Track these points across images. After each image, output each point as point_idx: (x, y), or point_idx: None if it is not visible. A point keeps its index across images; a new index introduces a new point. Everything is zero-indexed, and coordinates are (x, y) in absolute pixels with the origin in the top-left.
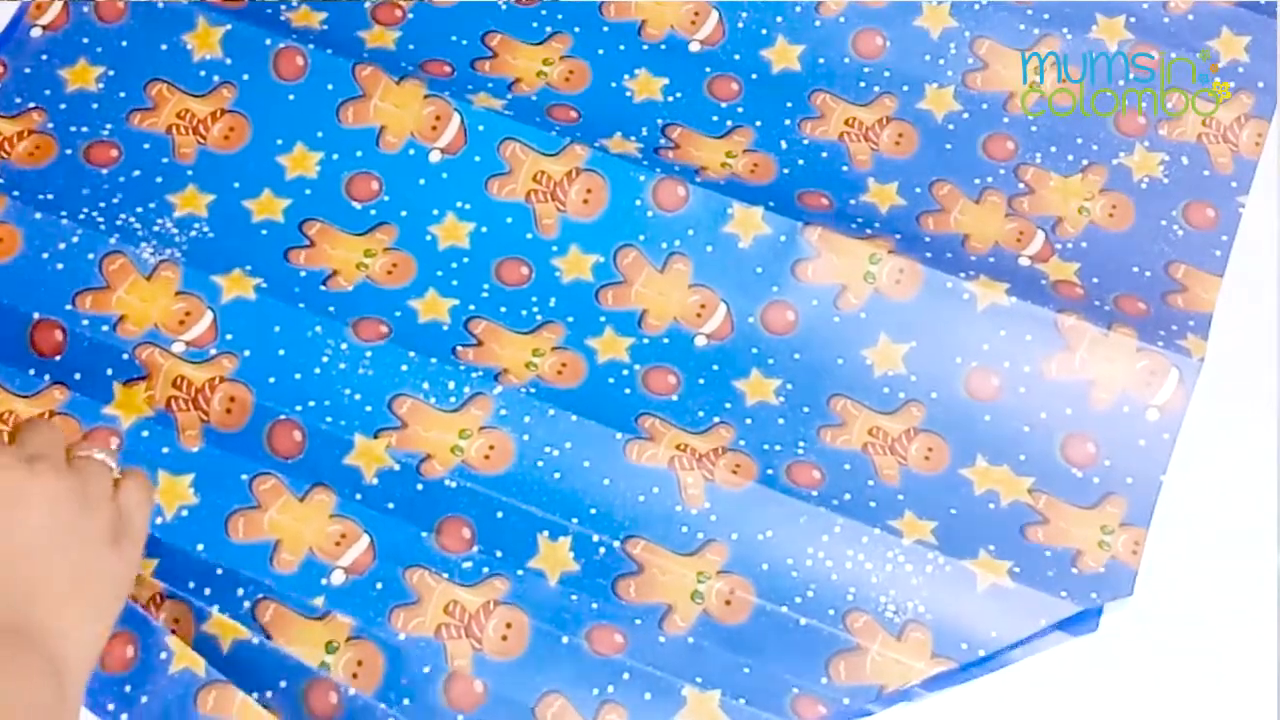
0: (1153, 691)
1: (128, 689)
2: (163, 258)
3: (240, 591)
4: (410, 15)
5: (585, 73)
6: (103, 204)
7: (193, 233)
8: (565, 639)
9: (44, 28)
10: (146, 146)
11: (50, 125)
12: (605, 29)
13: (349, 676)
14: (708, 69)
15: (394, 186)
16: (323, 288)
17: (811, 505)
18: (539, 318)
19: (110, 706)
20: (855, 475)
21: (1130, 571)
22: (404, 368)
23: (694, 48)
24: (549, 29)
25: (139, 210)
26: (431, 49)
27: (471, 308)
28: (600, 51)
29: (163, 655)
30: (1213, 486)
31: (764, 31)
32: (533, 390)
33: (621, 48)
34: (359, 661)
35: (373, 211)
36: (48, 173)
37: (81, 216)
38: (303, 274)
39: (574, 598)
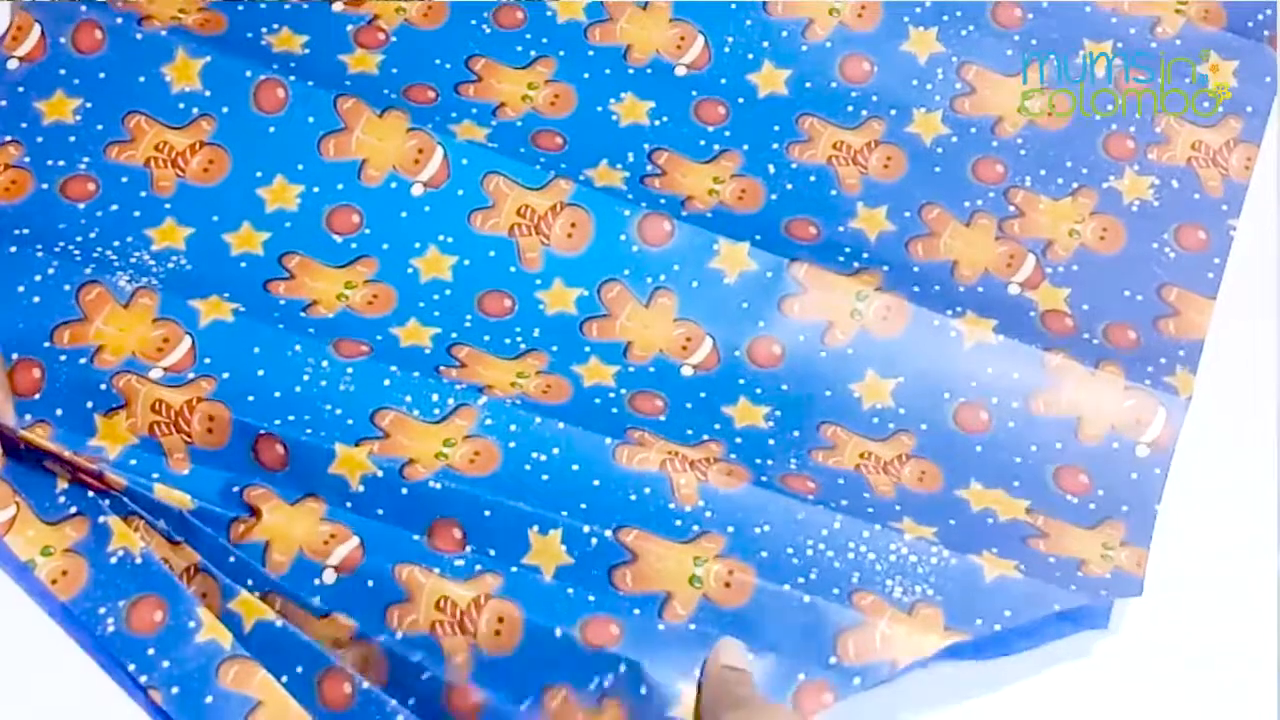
0: (1152, 705)
1: (151, 652)
2: (140, 285)
3: (250, 582)
4: (393, 39)
5: (571, 97)
6: (79, 238)
7: (170, 264)
8: (558, 631)
9: (20, 59)
10: (124, 180)
11: (27, 159)
12: (590, 53)
13: (358, 670)
14: (694, 93)
15: (375, 220)
16: (303, 314)
17: (809, 505)
18: (522, 346)
19: (131, 667)
20: (850, 487)
21: (1137, 578)
22: (386, 382)
23: (680, 72)
24: (533, 53)
25: (115, 244)
26: (414, 73)
27: (454, 335)
28: (585, 75)
29: (191, 624)
30: (1212, 504)
31: (750, 56)
32: (518, 402)
33: (607, 72)
34: (364, 660)
35: (354, 244)
36: (23, 208)
37: (58, 249)
38: (282, 302)
39: (570, 591)
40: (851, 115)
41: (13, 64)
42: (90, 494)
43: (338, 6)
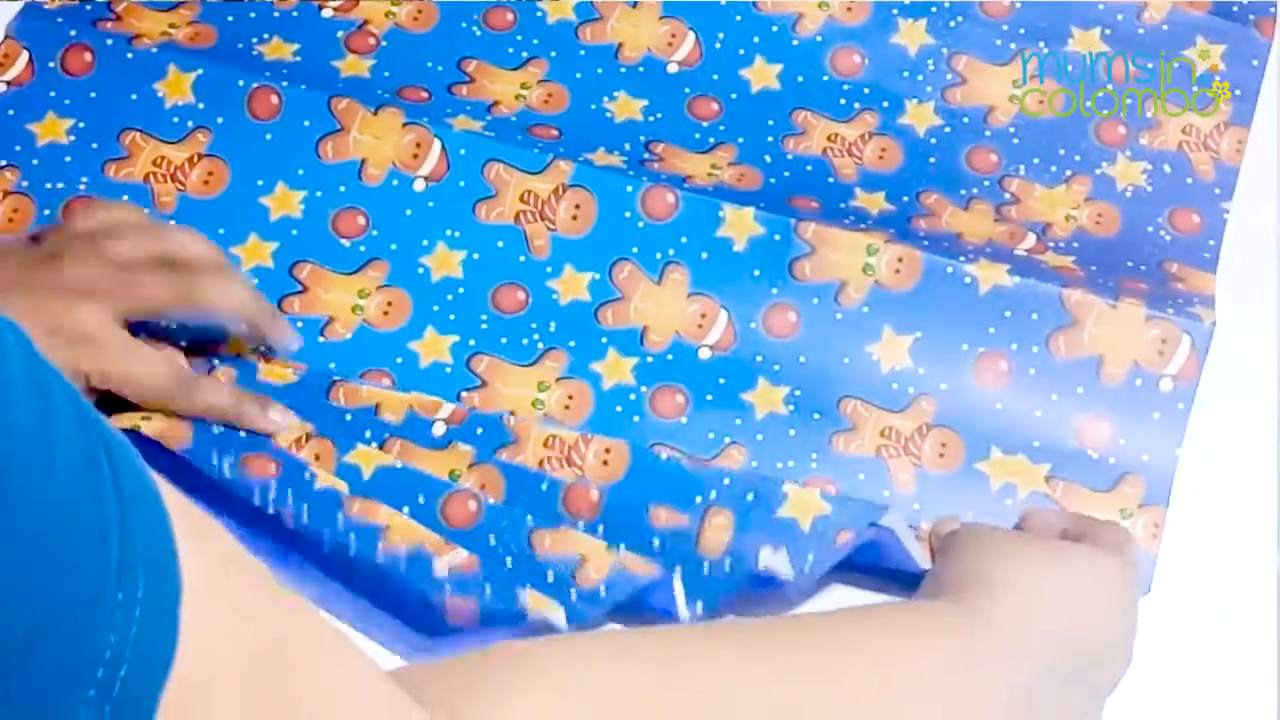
0: (1152, 702)
1: (273, 492)
2: (158, 334)
3: (367, 434)
4: (384, 43)
5: (564, 96)
6: None
7: None
8: (664, 455)
9: (8, 83)
10: (125, 199)
11: (25, 184)
12: (582, 52)
13: (479, 489)
14: (687, 89)
15: (381, 220)
16: (321, 339)
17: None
18: (540, 346)
19: (255, 499)
20: (870, 485)
21: (1149, 561)
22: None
23: (672, 69)
24: (525, 54)
25: None
26: (407, 76)
27: (471, 343)
28: (578, 75)
29: (307, 475)
30: (1211, 499)
31: (741, 51)
32: None
33: (599, 70)
34: (482, 485)
35: (362, 247)
36: None
37: None
38: (299, 324)
39: None
40: (844, 108)
41: (0, 88)
42: None
43: (327, 12)
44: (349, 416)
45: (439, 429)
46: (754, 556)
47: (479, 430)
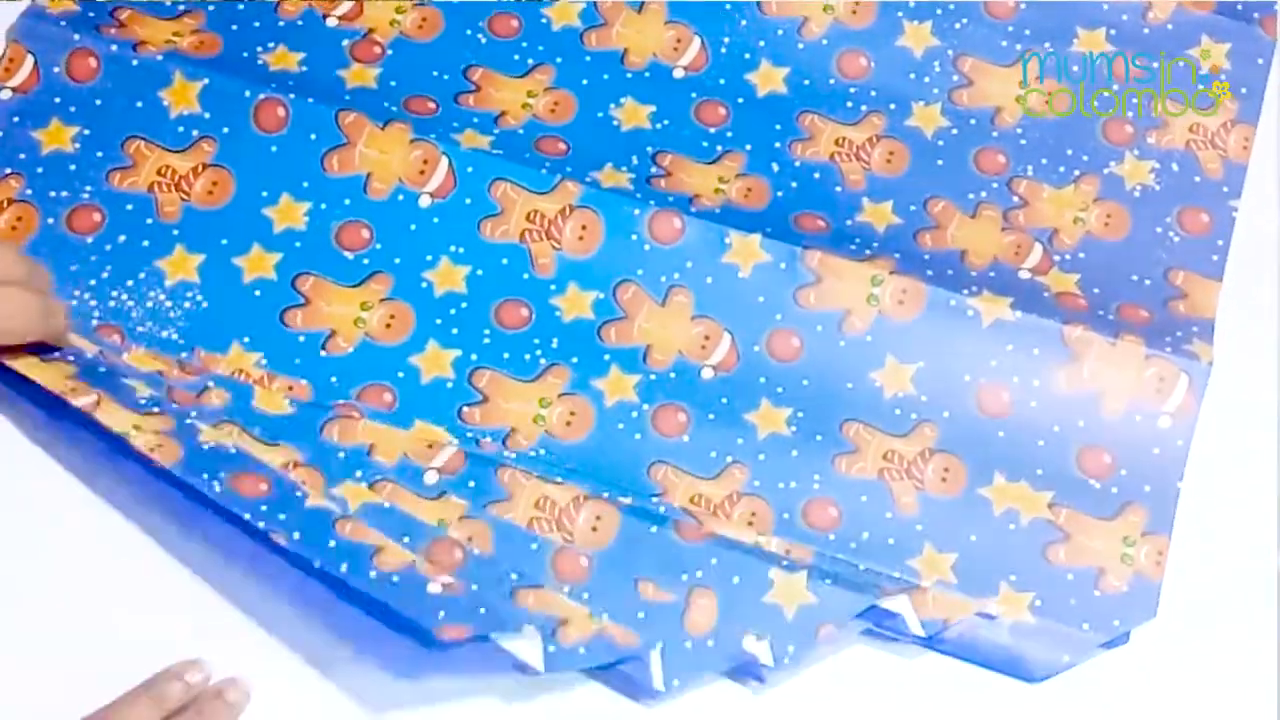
0: (1157, 697)
1: (264, 508)
2: (157, 347)
3: (358, 474)
4: (390, 52)
5: (571, 103)
6: (92, 281)
7: (186, 304)
8: (653, 529)
9: (14, 89)
10: (129, 208)
11: (29, 192)
12: (588, 59)
13: (465, 540)
14: (693, 95)
15: (385, 234)
16: (323, 353)
17: (830, 546)
18: (542, 361)
19: (247, 516)
20: (872, 507)
21: (1154, 588)
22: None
23: (678, 74)
24: (530, 61)
25: (129, 284)
26: (413, 85)
27: (474, 357)
28: (584, 81)
29: (298, 494)
30: (1216, 494)
31: (747, 56)
32: (543, 452)
33: (605, 77)
34: (469, 537)
35: (365, 261)
36: (33, 249)
37: (74, 300)
38: (301, 339)
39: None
40: (851, 111)
41: (5, 94)
42: (175, 405)
43: (332, 21)
44: (341, 454)
45: (431, 478)
46: (738, 639)
47: (471, 484)
